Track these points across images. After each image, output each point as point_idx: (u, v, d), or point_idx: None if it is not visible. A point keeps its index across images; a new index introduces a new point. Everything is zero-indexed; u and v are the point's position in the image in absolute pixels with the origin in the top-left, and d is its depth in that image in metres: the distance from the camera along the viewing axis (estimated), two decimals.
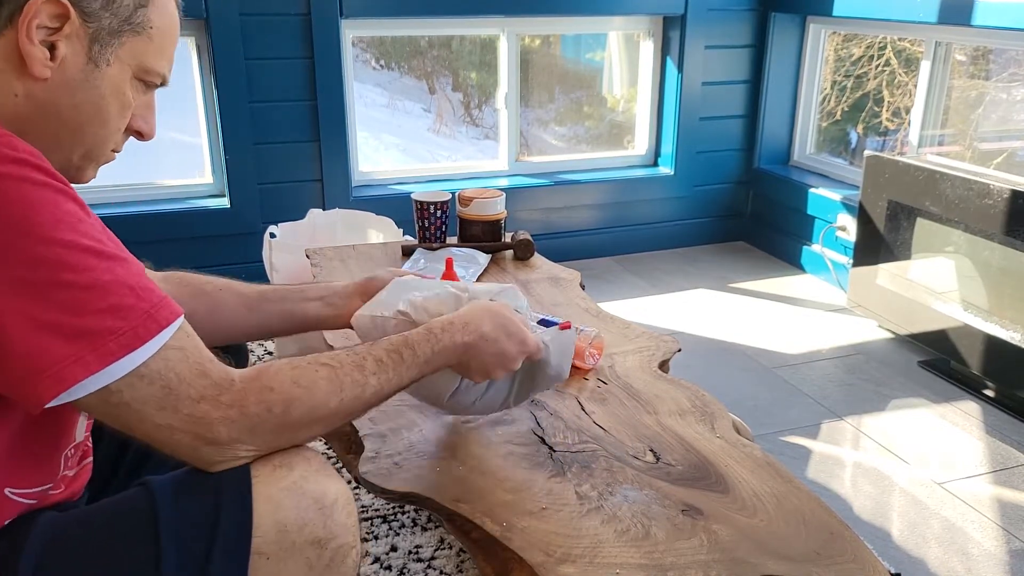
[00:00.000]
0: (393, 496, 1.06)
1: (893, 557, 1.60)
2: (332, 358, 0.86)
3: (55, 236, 0.69)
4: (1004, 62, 2.65)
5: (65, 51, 0.77)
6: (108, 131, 0.83)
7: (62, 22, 0.76)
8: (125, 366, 0.72)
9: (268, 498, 0.78)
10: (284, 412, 0.80)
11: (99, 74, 0.79)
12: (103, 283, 0.71)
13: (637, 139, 3.41)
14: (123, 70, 0.81)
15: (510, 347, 0.99)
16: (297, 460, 0.81)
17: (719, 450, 1.14)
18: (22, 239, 0.68)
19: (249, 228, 2.79)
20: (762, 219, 3.40)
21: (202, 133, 2.83)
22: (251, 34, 2.65)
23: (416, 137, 3.51)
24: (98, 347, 0.70)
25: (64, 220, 0.70)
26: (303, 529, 0.78)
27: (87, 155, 0.83)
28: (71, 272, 0.69)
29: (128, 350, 0.72)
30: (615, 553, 0.94)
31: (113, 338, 0.71)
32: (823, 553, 0.94)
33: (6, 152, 0.69)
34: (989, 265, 2.22)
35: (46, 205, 0.69)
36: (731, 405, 2.11)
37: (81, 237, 0.71)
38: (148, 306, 0.74)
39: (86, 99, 0.79)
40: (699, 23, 3.13)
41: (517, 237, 1.93)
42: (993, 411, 2.14)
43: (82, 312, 0.69)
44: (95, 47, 0.78)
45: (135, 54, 0.82)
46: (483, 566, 0.97)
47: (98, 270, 0.71)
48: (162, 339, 0.74)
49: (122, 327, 0.71)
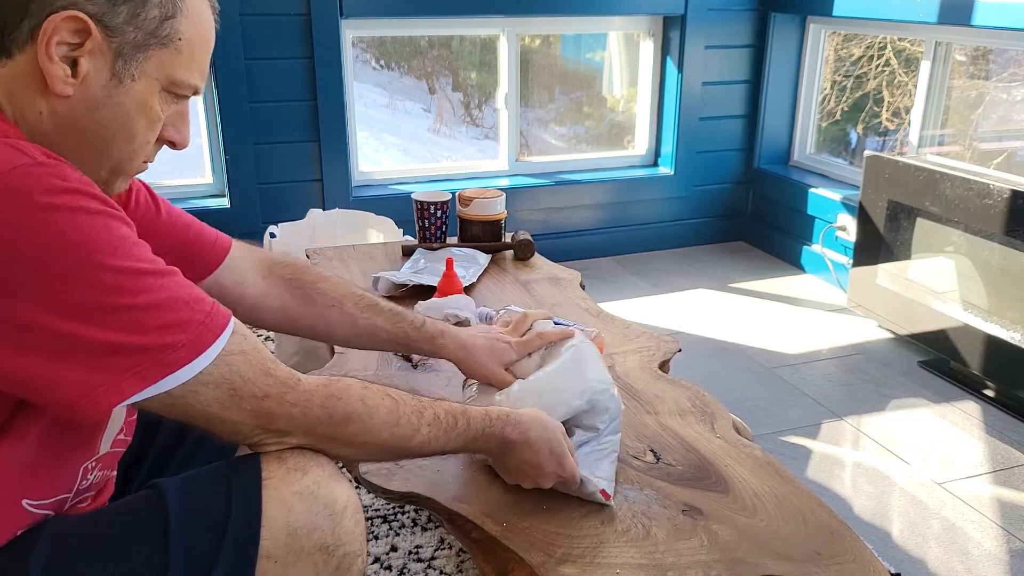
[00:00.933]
0: (393, 496, 1.06)
1: (893, 557, 1.60)
2: (398, 394, 0.89)
3: (111, 263, 0.70)
4: (1004, 62, 2.65)
5: (87, 68, 0.75)
6: (135, 147, 0.81)
7: (84, 38, 0.74)
8: (184, 375, 0.73)
9: (280, 501, 0.78)
10: (342, 423, 0.83)
11: (123, 90, 0.77)
12: (159, 301, 0.72)
13: (637, 139, 3.41)
14: (150, 84, 0.79)
15: (548, 463, 0.98)
16: (311, 464, 0.82)
17: (719, 450, 1.14)
18: (79, 269, 0.68)
19: (249, 228, 2.79)
20: (762, 219, 3.40)
21: (202, 133, 2.83)
22: (251, 34, 2.65)
23: (416, 137, 3.51)
24: (158, 361, 0.72)
25: (119, 246, 0.71)
26: (312, 534, 0.78)
27: (115, 170, 0.82)
28: (129, 295, 0.70)
29: (187, 361, 0.73)
30: (615, 553, 0.94)
31: (172, 351, 0.72)
32: (823, 553, 0.94)
33: (57, 183, 0.69)
34: (989, 265, 2.22)
35: (100, 232, 0.70)
36: (731, 405, 2.11)
37: (136, 261, 0.72)
38: (202, 316, 0.75)
39: (110, 116, 0.78)
40: (699, 23, 3.13)
41: (517, 237, 1.93)
42: (993, 411, 2.14)
43: (141, 331, 0.71)
44: (119, 62, 0.76)
45: (163, 67, 0.79)
46: (483, 566, 0.97)
47: (154, 289, 0.72)
48: (219, 346, 0.75)
49: (181, 340, 0.73)
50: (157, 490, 0.80)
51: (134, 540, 0.77)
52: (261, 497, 0.78)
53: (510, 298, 1.69)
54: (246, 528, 0.77)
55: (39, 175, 0.68)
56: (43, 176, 0.68)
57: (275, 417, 0.80)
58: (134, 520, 0.78)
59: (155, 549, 0.75)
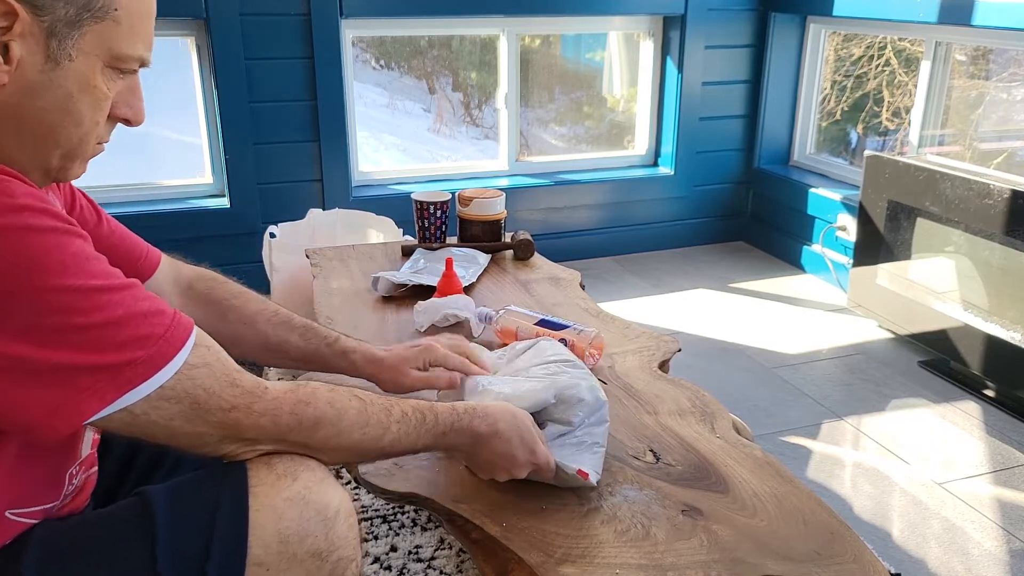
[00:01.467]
0: (393, 496, 1.06)
1: (893, 557, 1.60)
2: (365, 395, 0.88)
3: (63, 283, 0.68)
4: (1004, 62, 2.65)
5: (19, 52, 0.70)
6: (84, 130, 0.77)
7: (10, 21, 0.69)
8: (144, 390, 0.72)
9: (271, 508, 0.77)
10: (312, 428, 0.82)
11: (62, 72, 0.72)
12: (116, 318, 0.71)
13: (637, 139, 3.41)
14: (90, 62, 0.74)
15: (519, 452, 0.98)
16: (301, 469, 0.81)
17: (719, 450, 1.14)
18: (30, 291, 0.66)
19: (249, 228, 2.79)
20: (762, 219, 3.40)
21: (202, 133, 2.83)
22: (251, 34, 2.65)
23: (416, 137, 3.51)
24: (116, 378, 0.70)
25: (70, 264, 0.69)
26: (304, 541, 0.78)
27: (67, 156, 0.78)
28: (83, 315, 0.69)
29: (145, 377, 0.72)
30: (615, 553, 0.94)
31: (130, 368, 0.71)
32: (823, 553, 0.94)
33: (5, 201, 0.66)
34: (989, 265, 2.22)
35: (51, 252, 0.68)
36: (731, 405, 2.11)
37: (90, 278, 0.70)
38: (162, 331, 0.73)
39: (52, 101, 0.73)
40: (699, 23, 3.12)
41: (517, 237, 1.93)
42: (993, 411, 2.14)
43: (99, 349, 0.69)
44: (53, 42, 0.71)
45: (102, 42, 0.74)
46: (483, 566, 0.97)
47: (110, 306, 0.70)
48: (180, 359, 0.74)
49: (140, 356, 0.71)
50: (144, 498, 0.79)
51: (122, 549, 0.76)
52: (248, 504, 0.77)
53: (510, 298, 1.69)
54: (232, 537, 0.76)
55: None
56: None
57: (243, 428, 0.78)
58: (122, 529, 0.78)
59: (143, 557, 0.75)
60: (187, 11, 2.57)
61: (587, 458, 1.05)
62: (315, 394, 0.83)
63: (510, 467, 0.99)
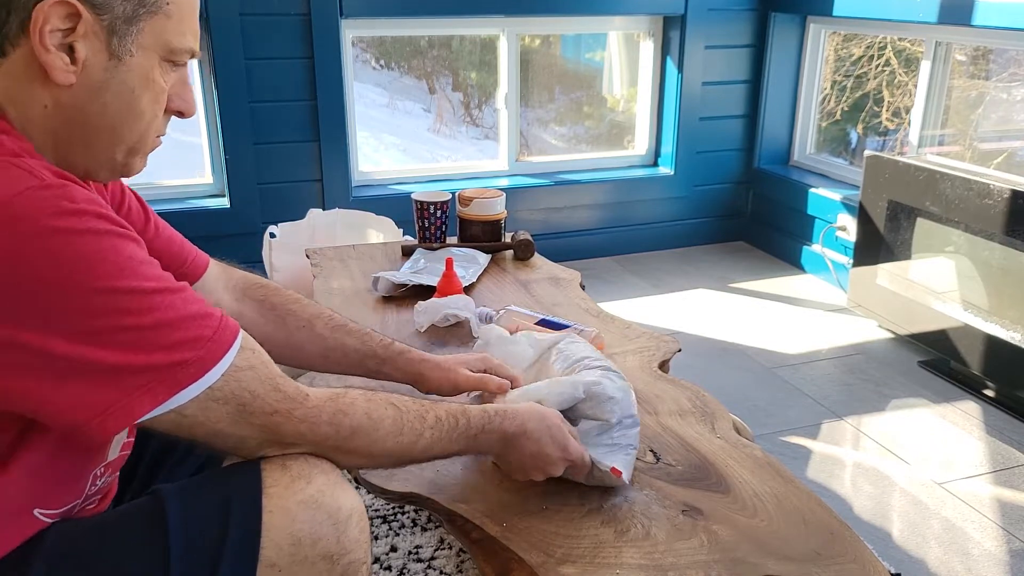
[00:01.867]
0: (393, 496, 1.06)
1: (893, 557, 1.60)
2: (401, 402, 0.89)
3: (116, 284, 0.69)
4: (1004, 62, 2.65)
5: (85, 52, 0.74)
6: (145, 123, 0.81)
7: (75, 22, 0.73)
8: (194, 391, 0.73)
9: (284, 510, 0.78)
10: (348, 437, 0.84)
11: (124, 68, 0.76)
12: (167, 320, 0.72)
13: (637, 139, 3.41)
14: (148, 57, 0.78)
15: (551, 450, 0.98)
16: (315, 472, 0.82)
17: (719, 450, 1.14)
18: (84, 292, 0.68)
19: (249, 228, 2.79)
20: (762, 219, 3.40)
21: (202, 133, 2.83)
22: (251, 34, 2.65)
23: (416, 137, 3.51)
24: (167, 379, 0.72)
25: (125, 266, 0.70)
26: (316, 544, 0.78)
27: (131, 151, 0.82)
28: (135, 316, 0.70)
29: (195, 379, 0.73)
30: (615, 553, 0.94)
31: (181, 369, 0.72)
32: (823, 553, 0.94)
33: (64, 205, 0.68)
34: (989, 265, 2.22)
35: (105, 254, 0.69)
36: (731, 405, 2.11)
37: (143, 280, 0.72)
38: (211, 333, 0.75)
39: (115, 97, 0.77)
40: (699, 23, 3.12)
41: (517, 237, 1.93)
42: (993, 411, 2.14)
43: (150, 350, 0.71)
44: (114, 40, 0.75)
45: (157, 36, 0.78)
46: (483, 566, 0.97)
47: (161, 308, 0.72)
48: (227, 361, 0.76)
49: (190, 358, 0.73)
50: (157, 497, 0.79)
51: (134, 548, 0.76)
52: (262, 506, 0.78)
53: (510, 298, 1.69)
54: (245, 537, 0.76)
55: (45, 198, 0.68)
56: (49, 199, 0.68)
57: (283, 432, 0.80)
58: (134, 529, 0.78)
59: (155, 556, 0.75)
60: None
61: (620, 458, 1.05)
62: (353, 404, 0.85)
63: (544, 466, 1.00)
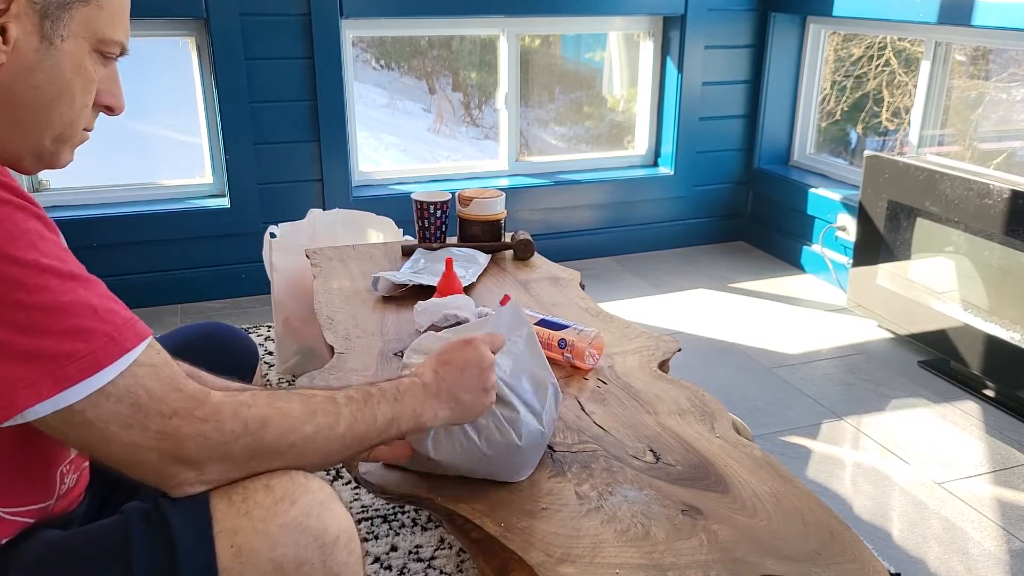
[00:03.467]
0: (393, 496, 1.06)
1: (893, 557, 1.60)
2: (304, 390, 0.85)
3: (11, 254, 0.66)
4: (1004, 62, 2.65)
5: (16, 32, 0.73)
6: (75, 110, 0.80)
7: (7, 3, 0.73)
8: (83, 390, 0.69)
9: (266, 535, 0.74)
10: (259, 430, 0.77)
11: (55, 52, 0.76)
12: (62, 304, 0.67)
13: (637, 139, 3.41)
14: (79, 44, 0.78)
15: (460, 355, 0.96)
16: (300, 492, 0.77)
17: (719, 450, 1.14)
18: None
19: (249, 228, 2.79)
20: (762, 219, 3.40)
21: (202, 133, 2.83)
22: (251, 34, 2.65)
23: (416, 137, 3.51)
24: (54, 371, 0.67)
25: (23, 237, 0.67)
26: (300, 569, 0.75)
27: (59, 138, 0.80)
28: (26, 292, 0.66)
29: (86, 375, 0.68)
30: (615, 553, 0.94)
31: (71, 362, 0.67)
32: (823, 553, 0.94)
33: None
34: (989, 265, 2.22)
35: (2, 222, 0.66)
36: (731, 405, 2.11)
37: (41, 256, 0.67)
38: (111, 328, 0.70)
39: (46, 79, 0.76)
40: (699, 23, 3.13)
41: (517, 237, 1.93)
42: (993, 411, 2.14)
43: (38, 334, 0.66)
44: (46, 23, 0.75)
45: (88, 24, 0.78)
46: (483, 566, 0.97)
47: (58, 291, 0.68)
48: (128, 360, 0.71)
49: (81, 350, 0.68)
50: (124, 520, 0.77)
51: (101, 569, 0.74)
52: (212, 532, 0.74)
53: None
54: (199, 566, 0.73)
55: None
56: None
57: (183, 439, 0.73)
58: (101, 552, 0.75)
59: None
60: (187, 11, 2.57)
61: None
62: (254, 396, 0.79)
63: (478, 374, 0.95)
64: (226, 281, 2.85)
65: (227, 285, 2.85)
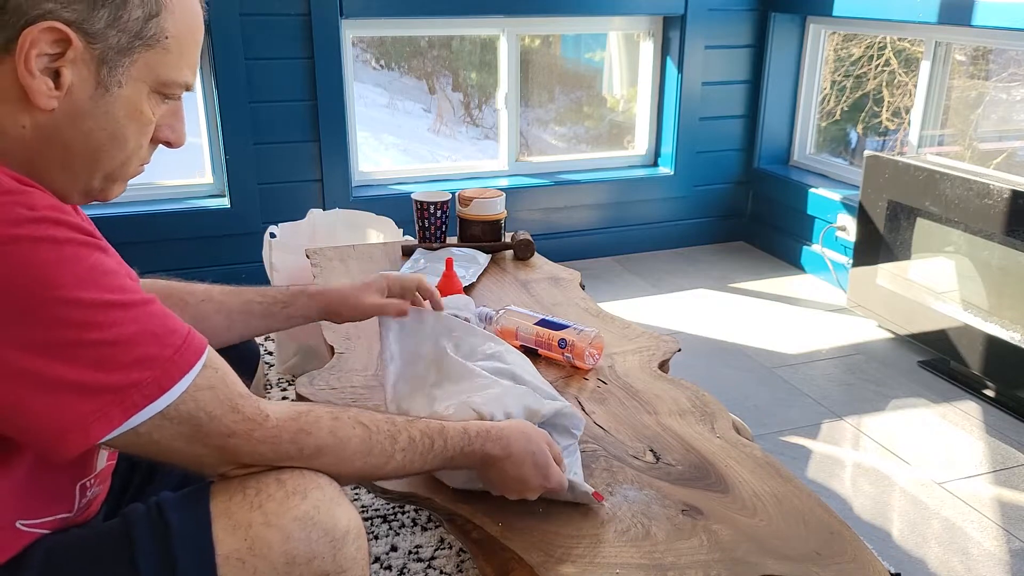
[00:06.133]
0: (393, 496, 1.06)
1: (893, 557, 1.60)
2: (371, 421, 0.87)
3: (78, 296, 0.67)
4: (1004, 62, 2.65)
5: (71, 78, 0.71)
6: (127, 153, 0.78)
7: (64, 48, 0.69)
8: (147, 413, 0.71)
9: (279, 528, 0.76)
10: (312, 457, 0.81)
11: (111, 98, 0.73)
12: (128, 336, 0.69)
13: (637, 139, 3.41)
14: (138, 89, 0.75)
15: (533, 477, 0.97)
16: (311, 488, 0.80)
17: (719, 450, 1.14)
18: (43, 303, 0.65)
19: (249, 228, 2.79)
20: (762, 219, 3.40)
21: (202, 133, 2.83)
22: (251, 34, 2.65)
23: (416, 137, 3.51)
24: (123, 400, 0.69)
25: (87, 277, 0.68)
26: (312, 562, 0.77)
27: (109, 177, 0.79)
28: (96, 330, 0.68)
29: (151, 400, 0.71)
30: (615, 553, 0.94)
31: (137, 390, 0.70)
32: (823, 553, 0.94)
33: (23, 213, 0.65)
34: (989, 265, 2.22)
35: (67, 264, 0.67)
36: (731, 405, 2.11)
37: (105, 292, 0.69)
38: (172, 352, 0.72)
39: (98, 125, 0.74)
40: (699, 23, 3.12)
41: (517, 237, 1.93)
42: (993, 411, 2.14)
43: (108, 368, 0.68)
44: (104, 69, 0.72)
45: (150, 69, 0.75)
46: (483, 566, 0.97)
47: (123, 323, 0.69)
48: (187, 381, 0.73)
49: (147, 378, 0.70)
50: (125, 519, 0.79)
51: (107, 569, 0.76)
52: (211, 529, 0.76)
53: (510, 298, 1.69)
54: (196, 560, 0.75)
55: (3, 204, 0.65)
56: (7, 206, 0.65)
57: (241, 454, 0.78)
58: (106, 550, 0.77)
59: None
60: None
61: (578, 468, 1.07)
62: (318, 423, 0.82)
63: (522, 490, 0.98)
64: (226, 281, 2.84)
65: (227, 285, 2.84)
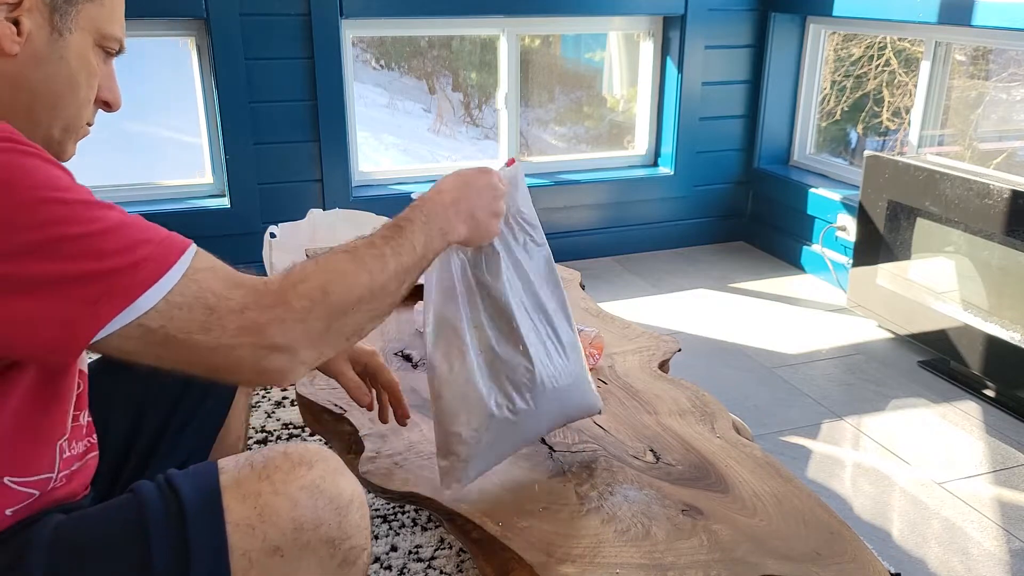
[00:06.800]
0: (393, 496, 1.06)
1: (893, 557, 1.60)
2: (344, 245, 0.89)
3: (52, 195, 0.69)
4: (1004, 62, 2.65)
5: (29, 25, 0.78)
6: (80, 100, 0.84)
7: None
8: (156, 294, 0.72)
9: (287, 496, 0.79)
10: (324, 297, 0.80)
11: (64, 43, 0.81)
12: (112, 226, 0.72)
13: (637, 139, 3.41)
14: (84, 38, 0.82)
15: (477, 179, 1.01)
16: (316, 459, 0.82)
17: (719, 450, 1.14)
18: (20, 204, 0.68)
19: (249, 228, 2.79)
20: (762, 219, 3.40)
21: (202, 133, 2.83)
22: (251, 34, 2.65)
23: (416, 137, 3.51)
24: (124, 281, 0.71)
25: (59, 181, 0.71)
26: (318, 528, 0.79)
27: (66, 128, 0.84)
28: (77, 224, 0.70)
29: (155, 277, 0.72)
30: (615, 553, 0.94)
31: (136, 270, 0.71)
32: (823, 553, 0.94)
33: None
34: (989, 265, 2.22)
35: (39, 168, 0.70)
36: (731, 405, 2.11)
37: (81, 194, 0.72)
38: (163, 235, 0.75)
39: (56, 70, 0.81)
40: (699, 23, 3.12)
41: None
42: (993, 411, 2.14)
43: (100, 256, 0.70)
44: (56, 17, 0.80)
45: (92, 20, 0.83)
46: (483, 566, 0.97)
47: (103, 219, 0.72)
48: (185, 262, 0.75)
49: (144, 255, 0.72)
50: (137, 496, 0.80)
51: (119, 551, 0.77)
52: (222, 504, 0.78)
53: None
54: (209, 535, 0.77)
55: None
56: None
57: (263, 327, 0.76)
58: (118, 529, 0.79)
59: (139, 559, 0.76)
60: (187, 11, 2.57)
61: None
62: (303, 270, 0.82)
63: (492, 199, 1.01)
64: None
65: None
